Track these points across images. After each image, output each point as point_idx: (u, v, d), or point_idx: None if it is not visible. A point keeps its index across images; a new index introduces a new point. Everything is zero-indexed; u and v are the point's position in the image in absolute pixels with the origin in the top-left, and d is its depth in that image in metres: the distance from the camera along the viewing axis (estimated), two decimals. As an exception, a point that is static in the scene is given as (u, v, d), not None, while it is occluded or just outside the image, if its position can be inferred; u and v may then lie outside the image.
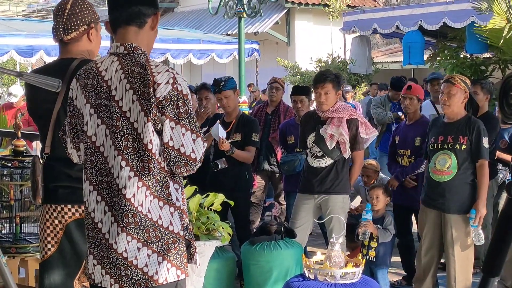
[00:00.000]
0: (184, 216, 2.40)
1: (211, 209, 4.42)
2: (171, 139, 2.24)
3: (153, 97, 2.23)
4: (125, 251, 2.34)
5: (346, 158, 4.88)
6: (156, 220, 2.30)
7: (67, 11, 3.15)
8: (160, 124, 2.26)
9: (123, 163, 2.27)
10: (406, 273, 5.47)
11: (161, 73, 2.27)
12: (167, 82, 2.25)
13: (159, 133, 2.27)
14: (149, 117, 2.23)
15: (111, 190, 2.32)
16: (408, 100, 5.52)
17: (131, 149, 2.26)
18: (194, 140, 2.28)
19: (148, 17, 2.41)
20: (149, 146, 2.25)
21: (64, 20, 3.13)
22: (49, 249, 3.24)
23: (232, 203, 4.65)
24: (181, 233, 2.35)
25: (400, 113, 8.14)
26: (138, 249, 2.33)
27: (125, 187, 2.26)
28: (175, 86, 2.25)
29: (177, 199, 2.36)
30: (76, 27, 3.13)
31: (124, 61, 2.34)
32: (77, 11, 3.17)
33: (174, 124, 2.25)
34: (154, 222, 2.29)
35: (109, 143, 2.32)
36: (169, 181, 2.33)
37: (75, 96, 2.46)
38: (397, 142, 5.61)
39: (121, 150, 2.29)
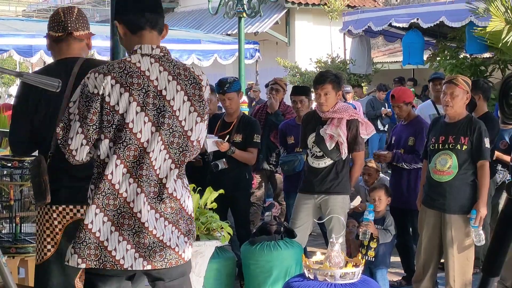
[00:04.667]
0: None
1: (209, 209, 4.40)
2: (198, 133, 2.62)
3: (204, 98, 2.57)
4: (162, 235, 2.57)
5: (344, 158, 4.87)
6: (183, 205, 2.58)
7: (75, 13, 3.23)
8: None
9: (167, 156, 2.51)
10: (405, 273, 5.47)
11: (203, 75, 2.58)
12: (207, 84, 2.58)
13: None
14: (203, 118, 2.55)
15: (149, 182, 2.51)
16: (396, 108, 5.58)
17: (176, 144, 2.52)
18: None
19: (163, 26, 2.66)
20: (194, 143, 2.56)
21: (73, 18, 3.19)
22: (48, 250, 3.23)
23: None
24: (193, 215, 2.69)
25: (389, 110, 8.26)
26: (172, 231, 2.59)
27: (165, 177, 2.51)
28: (208, 87, 2.60)
29: (188, 185, 2.68)
30: (84, 28, 3.21)
31: (164, 63, 2.53)
32: (84, 16, 3.28)
33: (200, 119, 2.57)
34: (182, 207, 2.57)
35: (157, 139, 2.50)
36: (184, 170, 2.65)
37: (108, 93, 2.49)
38: (393, 142, 5.63)
39: (168, 145, 2.52)
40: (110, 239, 2.59)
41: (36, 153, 3.71)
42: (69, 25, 3.23)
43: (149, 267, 2.60)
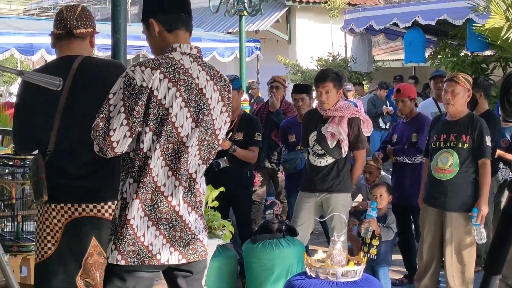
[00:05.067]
0: None
1: (211, 207, 4.40)
2: (224, 132, 2.81)
3: (231, 100, 2.74)
4: (195, 228, 2.65)
5: (345, 156, 4.86)
6: (203, 201, 2.70)
7: (78, 11, 3.24)
8: None
9: (197, 152, 2.60)
10: (407, 271, 5.46)
11: (227, 78, 2.76)
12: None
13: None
14: (229, 119, 2.71)
15: (184, 176, 2.58)
16: (400, 102, 5.57)
17: (206, 142, 2.62)
18: None
19: (192, 28, 2.81)
20: (220, 142, 2.70)
21: (76, 16, 3.19)
22: (49, 248, 3.20)
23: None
24: None
25: (390, 108, 8.27)
26: (200, 225, 2.69)
27: (195, 172, 2.59)
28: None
29: None
30: (86, 26, 3.21)
31: (200, 63, 2.65)
32: (87, 14, 3.28)
33: (228, 120, 2.77)
34: (203, 203, 2.70)
35: (195, 135, 2.60)
36: None
37: (156, 87, 2.53)
38: (394, 140, 5.62)
39: (200, 142, 2.61)
40: (146, 235, 2.61)
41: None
42: (69, 22, 3.21)
43: (183, 261, 2.64)
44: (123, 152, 2.59)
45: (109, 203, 3.19)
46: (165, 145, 2.57)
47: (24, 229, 4.09)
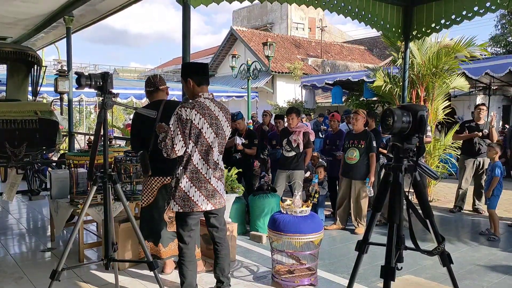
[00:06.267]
0: None
1: (233, 178, 5.10)
2: (227, 138, 3.13)
3: (230, 122, 3.20)
4: (220, 189, 3.18)
5: (300, 151, 5.84)
6: (223, 174, 3.16)
7: (158, 77, 3.99)
8: None
9: (217, 149, 3.16)
10: (332, 210, 6.73)
11: (228, 109, 3.12)
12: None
13: None
14: (230, 128, 3.19)
15: (210, 162, 3.08)
16: (331, 122, 7.01)
17: (221, 144, 3.17)
18: None
19: (209, 83, 3.15)
20: (226, 146, 3.24)
21: (157, 80, 3.96)
22: (149, 200, 3.86)
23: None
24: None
25: (325, 127, 10.93)
26: (221, 186, 3.19)
27: (217, 159, 3.17)
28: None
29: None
30: (163, 84, 3.97)
31: (215, 102, 3.13)
32: (162, 78, 4.01)
33: (229, 132, 3.22)
34: (223, 174, 3.18)
35: (216, 141, 3.09)
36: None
37: (193, 118, 2.97)
38: (328, 143, 7.01)
39: (219, 144, 3.12)
40: (192, 193, 3.04)
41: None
42: (156, 83, 3.93)
43: (212, 208, 3.12)
44: (179, 154, 2.99)
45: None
46: (200, 148, 2.99)
47: (136, 189, 4.70)
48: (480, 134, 7.10)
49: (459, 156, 7.81)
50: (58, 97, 7.53)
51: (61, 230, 4.88)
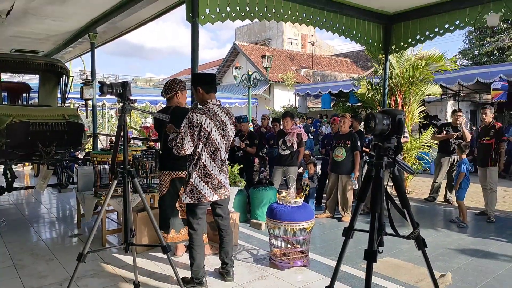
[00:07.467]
0: None
1: (236, 173, 5.15)
2: (232, 139, 3.11)
3: (234, 125, 3.21)
4: (225, 182, 3.21)
5: (294, 150, 5.82)
6: (228, 169, 3.19)
7: (167, 85, 3.92)
8: None
9: (224, 149, 3.19)
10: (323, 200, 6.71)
11: (233, 114, 3.13)
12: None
13: None
14: (234, 130, 3.20)
15: (217, 160, 3.11)
16: (332, 125, 6.80)
17: (227, 144, 3.22)
18: None
19: (216, 91, 3.14)
20: (231, 145, 3.53)
21: (165, 89, 3.94)
22: (163, 190, 3.90)
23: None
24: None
25: (313, 129, 10.93)
26: (226, 180, 3.22)
27: (224, 158, 3.21)
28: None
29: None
30: (170, 92, 3.89)
31: (221, 108, 3.15)
32: (172, 85, 3.89)
33: (233, 134, 3.20)
34: (227, 170, 3.19)
35: (223, 142, 3.13)
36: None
37: (203, 122, 2.98)
38: (325, 142, 6.97)
39: (224, 145, 3.15)
40: (200, 187, 3.08)
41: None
42: (164, 93, 3.95)
43: (218, 199, 3.17)
44: (188, 153, 2.99)
45: (185, 172, 3.64)
46: (209, 148, 3.00)
47: (152, 182, 4.80)
48: (456, 135, 7.15)
49: (433, 154, 7.89)
50: (84, 103, 7.64)
51: (90, 218, 4.95)
